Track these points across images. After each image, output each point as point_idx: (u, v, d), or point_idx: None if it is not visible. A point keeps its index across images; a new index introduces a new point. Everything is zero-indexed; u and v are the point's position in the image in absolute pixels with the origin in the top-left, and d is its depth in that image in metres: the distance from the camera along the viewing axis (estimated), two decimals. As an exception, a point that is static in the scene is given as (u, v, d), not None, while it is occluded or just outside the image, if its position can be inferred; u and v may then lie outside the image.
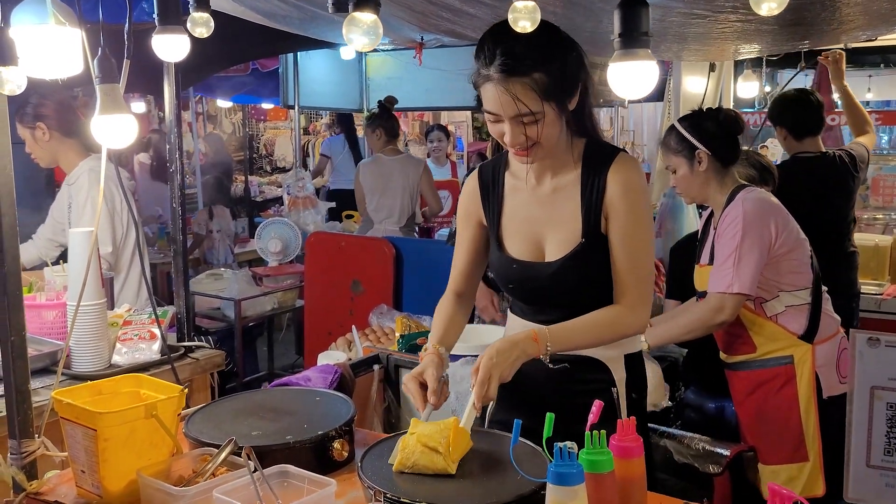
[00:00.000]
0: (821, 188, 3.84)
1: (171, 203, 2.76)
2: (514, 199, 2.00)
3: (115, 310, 2.82)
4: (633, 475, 1.59)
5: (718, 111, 2.84)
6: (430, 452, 1.65)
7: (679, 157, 2.77)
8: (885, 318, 4.16)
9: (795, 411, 2.68)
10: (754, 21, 2.66)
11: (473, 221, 2.08)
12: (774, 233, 2.64)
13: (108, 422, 1.68)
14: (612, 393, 1.95)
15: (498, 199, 2.02)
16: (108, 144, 1.78)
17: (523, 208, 1.98)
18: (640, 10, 1.31)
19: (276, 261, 5.20)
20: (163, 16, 1.77)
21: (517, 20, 1.40)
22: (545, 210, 1.95)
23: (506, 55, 1.72)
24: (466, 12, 2.69)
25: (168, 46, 1.83)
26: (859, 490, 0.95)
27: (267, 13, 2.80)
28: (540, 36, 1.71)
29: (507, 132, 1.80)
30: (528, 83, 1.73)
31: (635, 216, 1.87)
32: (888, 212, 5.55)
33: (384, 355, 2.79)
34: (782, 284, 2.67)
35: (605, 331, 1.90)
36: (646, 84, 1.32)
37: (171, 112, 2.68)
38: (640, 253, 1.89)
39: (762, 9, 1.23)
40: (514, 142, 1.81)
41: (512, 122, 1.78)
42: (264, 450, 1.72)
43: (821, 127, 3.99)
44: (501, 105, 1.76)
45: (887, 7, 2.31)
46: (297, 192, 6.06)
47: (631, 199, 1.87)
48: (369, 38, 1.26)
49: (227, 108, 11.26)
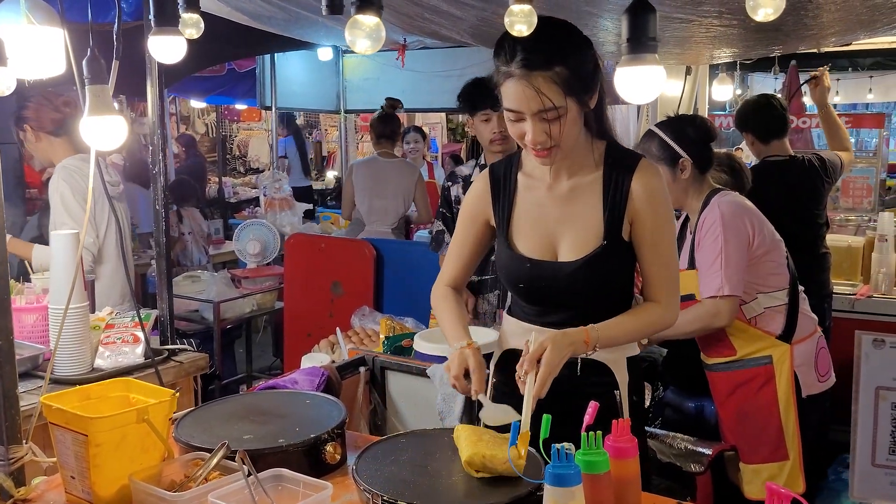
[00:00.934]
0: (791, 191, 3.90)
1: (155, 204, 2.74)
2: (528, 198, 2.00)
3: (97, 313, 2.79)
4: (628, 475, 1.60)
5: (695, 118, 2.84)
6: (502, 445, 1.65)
7: (661, 164, 2.73)
8: (858, 318, 4.23)
9: (775, 411, 2.71)
10: (737, 26, 2.69)
11: (480, 220, 2.08)
12: (751, 234, 2.68)
13: (99, 427, 1.66)
14: (616, 396, 1.96)
15: (510, 197, 2.02)
16: (97, 146, 1.75)
17: (537, 207, 1.98)
18: (647, 16, 1.32)
19: (254, 262, 5.16)
20: (159, 17, 1.75)
21: (513, 24, 1.41)
22: (562, 209, 1.95)
23: (527, 50, 1.73)
24: (452, 14, 2.70)
25: (164, 48, 1.81)
26: (864, 489, 0.97)
27: (252, 14, 2.79)
28: (558, 31, 1.75)
29: (529, 130, 1.79)
30: (551, 76, 1.73)
31: (663, 221, 1.93)
32: (859, 213, 5.65)
33: (370, 357, 2.79)
34: (760, 286, 2.71)
35: (647, 330, 1.99)
36: (653, 89, 1.34)
37: (153, 113, 2.66)
38: (669, 255, 1.96)
39: (759, 14, 1.25)
40: (536, 140, 1.80)
41: (534, 119, 1.78)
42: (256, 453, 1.71)
43: (785, 129, 4.06)
44: (525, 100, 1.76)
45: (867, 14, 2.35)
46: (274, 193, 6.02)
47: (658, 204, 1.91)
48: (372, 40, 1.26)
49: (201, 108, 11.17)
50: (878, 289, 4.41)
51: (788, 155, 4.01)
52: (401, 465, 1.74)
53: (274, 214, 5.99)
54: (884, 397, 0.97)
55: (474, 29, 2.94)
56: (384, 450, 1.81)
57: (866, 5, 2.22)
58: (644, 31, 1.31)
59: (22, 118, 3.26)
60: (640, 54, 1.30)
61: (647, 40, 1.30)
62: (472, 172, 3.44)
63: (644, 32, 1.31)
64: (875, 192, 5.92)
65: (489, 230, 2.08)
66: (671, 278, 1.98)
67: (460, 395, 2.55)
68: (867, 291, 4.43)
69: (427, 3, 2.62)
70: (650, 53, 1.29)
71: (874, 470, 0.98)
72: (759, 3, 1.26)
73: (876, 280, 4.42)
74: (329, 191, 10.32)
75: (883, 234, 4.41)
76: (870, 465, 0.96)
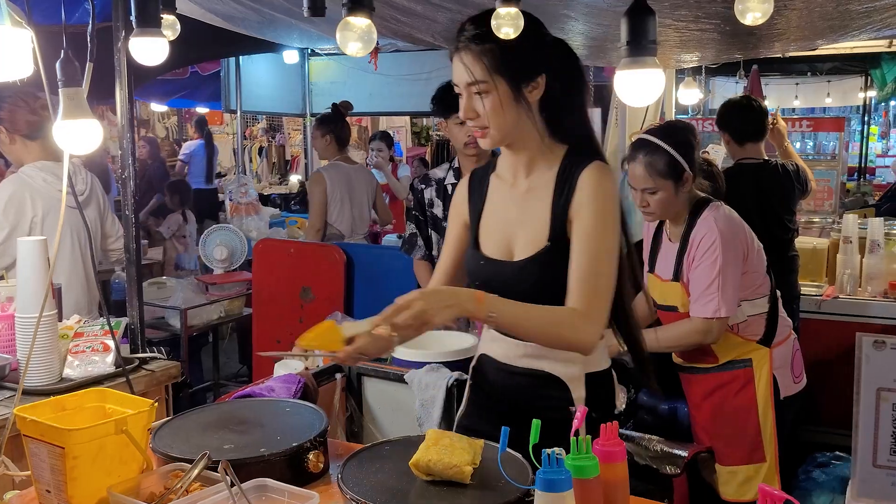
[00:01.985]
0: (763, 194, 3.94)
1: (124, 210, 2.68)
2: (495, 199, 2.01)
3: (65, 321, 2.72)
4: (616, 479, 1.60)
5: (686, 128, 2.78)
6: (455, 451, 1.64)
7: (667, 179, 2.66)
8: (824, 319, 4.30)
9: (753, 413, 2.73)
10: (712, 30, 2.72)
11: (459, 222, 2.09)
12: (745, 249, 2.67)
13: (76, 439, 1.61)
14: (571, 413, 1.94)
15: (481, 198, 2.03)
16: (71, 150, 1.71)
17: (501, 208, 1.99)
18: (647, 18, 1.32)
19: (221, 268, 5.08)
20: (141, 18, 1.71)
21: (500, 27, 1.40)
22: (518, 210, 1.95)
23: (467, 29, 1.82)
24: (426, 16, 2.69)
25: (146, 49, 1.76)
26: (866, 490, 0.97)
27: (225, 15, 2.74)
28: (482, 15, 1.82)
29: (461, 105, 1.85)
30: (478, 52, 1.79)
31: (600, 221, 1.82)
32: (819, 215, 5.75)
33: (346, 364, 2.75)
34: (746, 295, 2.71)
35: (553, 327, 1.80)
36: (653, 91, 1.34)
37: (123, 117, 2.60)
38: (601, 261, 1.82)
39: (747, 18, 1.25)
40: (467, 114, 1.84)
41: (465, 93, 1.83)
42: (238, 463, 1.67)
43: (762, 133, 4.09)
44: (457, 73, 1.83)
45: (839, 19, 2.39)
46: (240, 198, 5.94)
47: (598, 203, 1.82)
48: (364, 42, 1.24)
49: (161, 112, 11.01)
50: (843, 290, 4.48)
51: (763, 159, 4.04)
52: (387, 472, 1.71)
53: (240, 219, 5.92)
54: (885, 398, 0.97)
55: (448, 32, 2.93)
56: (368, 457, 1.78)
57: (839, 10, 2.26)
58: (644, 34, 1.31)
59: None
60: (641, 57, 1.30)
61: (647, 43, 1.30)
62: (445, 175, 3.43)
63: (644, 35, 1.31)
64: (836, 195, 6.04)
65: (467, 231, 2.08)
66: (598, 290, 1.81)
67: (438, 401, 2.54)
68: (833, 292, 4.50)
69: (401, 4, 2.60)
70: (650, 56, 1.29)
71: (875, 471, 0.98)
72: (748, 7, 1.26)
73: (841, 281, 4.49)
74: (293, 195, 10.23)
75: (847, 236, 4.48)
76: (871, 466, 0.97)
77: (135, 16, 1.71)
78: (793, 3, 2.23)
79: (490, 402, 2.03)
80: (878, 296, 4.40)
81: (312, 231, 5.00)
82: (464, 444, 1.70)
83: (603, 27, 3.03)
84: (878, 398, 0.98)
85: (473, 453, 1.69)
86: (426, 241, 3.49)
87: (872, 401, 0.97)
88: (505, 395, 1.99)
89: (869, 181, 10.69)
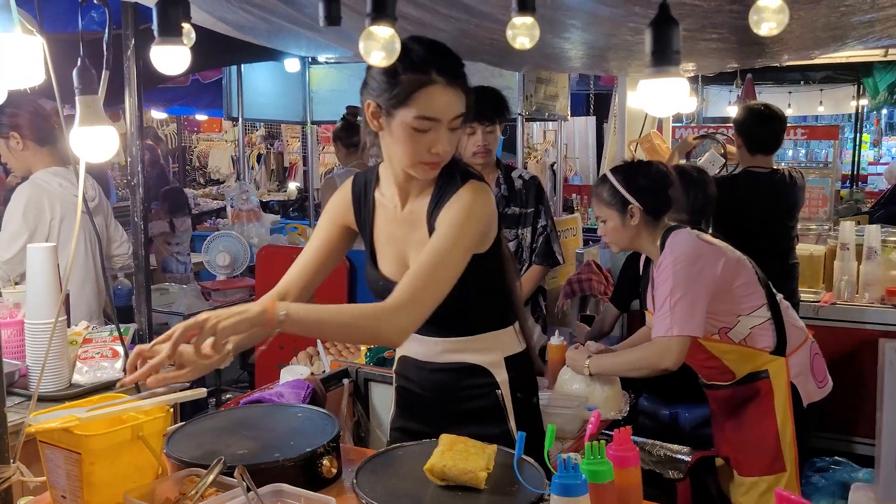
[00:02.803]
0: (768, 204, 3.92)
1: (133, 217, 2.69)
2: (382, 218, 2.02)
3: (73, 327, 2.73)
4: (630, 484, 1.62)
5: (650, 165, 2.81)
6: (469, 457, 1.67)
7: (611, 209, 2.74)
8: (823, 325, 4.33)
9: (773, 424, 2.73)
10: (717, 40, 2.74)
11: (339, 223, 2.07)
12: (715, 269, 2.63)
13: (93, 445, 1.62)
14: (498, 395, 2.00)
15: (369, 214, 2.03)
16: (87, 157, 1.72)
17: (390, 227, 2.00)
18: (672, 29, 1.34)
19: (223, 274, 5.09)
20: (163, 27, 1.72)
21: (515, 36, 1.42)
22: (407, 232, 1.97)
23: (449, 58, 1.81)
24: (434, 26, 2.71)
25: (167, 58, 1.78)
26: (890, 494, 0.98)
27: (235, 25, 2.77)
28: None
29: (440, 140, 1.80)
30: (462, 87, 1.82)
31: (449, 228, 1.83)
32: (814, 222, 5.79)
33: (353, 369, 2.77)
34: (739, 309, 2.69)
35: (351, 319, 1.76)
36: (676, 101, 1.36)
37: (133, 125, 2.62)
38: (436, 264, 1.79)
39: (762, 29, 1.28)
40: (445, 150, 1.82)
41: (447, 127, 1.81)
42: (253, 468, 1.68)
43: (774, 146, 4.03)
44: (447, 106, 1.79)
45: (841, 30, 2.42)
46: (241, 204, 5.96)
47: (453, 212, 1.85)
48: (387, 52, 1.26)
49: (161, 119, 11.02)
50: (840, 296, 4.52)
51: (770, 168, 4.01)
52: (401, 477, 1.73)
53: (241, 226, 5.92)
54: (907, 404, 0.99)
55: (454, 40, 2.95)
56: (383, 462, 1.80)
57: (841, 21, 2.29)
58: (669, 45, 1.33)
59: (10, 125, 3.19)
60: (665, 67, 1.32)
61: (671, 53, 1.32)
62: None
63: (669, 45, 1.33)
64: (830, 202, 6.09)
65: (346, 236, 2.08)
66: (420, 289, 1.76)
67: None
68: (830, 299, 4.53)
69: (409, 14, 2.62)
70: (674, 66, 1.31)
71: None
72: (763, 17, 1.28)
73: (839, 287, 4.53)
74: (291, 202, 10.24)
75: (844, 243, 4.52)
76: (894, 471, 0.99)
77: (156, 25, 1.72)
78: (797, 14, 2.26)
79: (418, 401, 2.09)
80: (876, 302, 4.44)
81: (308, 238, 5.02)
82: (477, 449, 1.72)
83: (605, 36, 3.06)
84: (900, 404, 1.00)
85: (487, 458, 1.70)
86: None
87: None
88: (432, 392, 2.05)
89: (861, 188, 10.77)
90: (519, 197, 3.36)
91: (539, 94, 5.22)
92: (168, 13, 1.70)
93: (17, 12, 1.76)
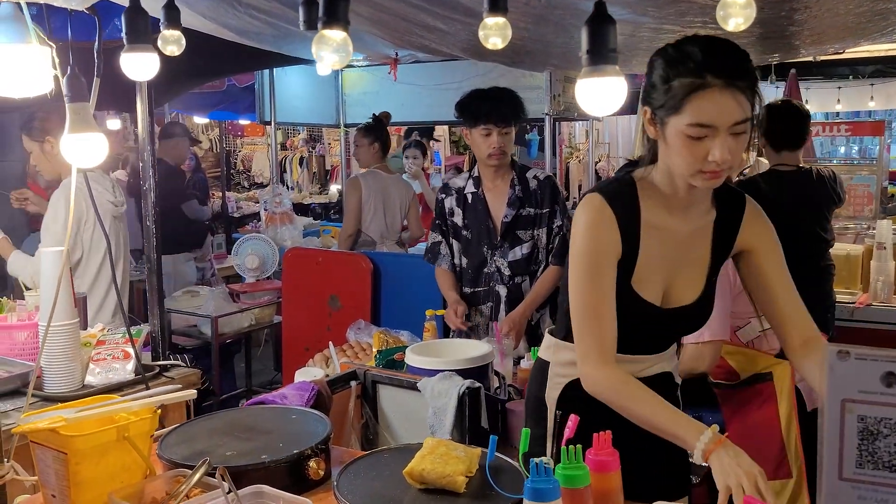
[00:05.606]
0: (795, 203, 3.82)
1: (145, 220, 2.74)
2: (655, 238, 1.86)
3: (89, 329, 2.79)
4: (609, 489, 1.59)
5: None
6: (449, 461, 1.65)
7: None
8: (858, 327, 4.20)
9: (777, 428, 2.67)
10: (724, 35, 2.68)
11: (615, 260, 1.85)
12: (732, 272, 2.62)
13: (78, 444, 1.65)
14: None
15: (636, 235, 1.84)
16: (77, 163, 1.76)
17: (663, 249, 1.87)
18: (607, 27, 1.31)
19: (253, 277, 5.16)
20: (131, 34, 1.75)
21: (487, 37, 1.41)
22: (684, 251, 1.89)
23: (727, 58, 1.63)
24: (439, 29, 2.70)
25: (137, 65, 1.81)
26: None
27: (239, 30, 2.79)
28: (736, 44, 1.68)
29: (718, 146, 1.64)
30: (745, 89, 1.64)
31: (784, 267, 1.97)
32: (859, 221, 5.62)
33: (361, 371, 2.77)
34: (752, 311, 2.66)
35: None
36: (614, 100, 1.32)
37: (144, 129, 2.67)
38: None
39: (729, 24, 1.24)
40: (725, 157, 1.65)
41: (725, 134, 1.65)
42: (239, 470, 1.70)
43: (800, 142, 3.92)
44: (723, 111, 1.62)
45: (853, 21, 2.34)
46: (275, 207, 6.03)
47: (779, 251, 1.99)
48: (339, 55, 1.25)
49: (204, 124, 11.22)
50: (877, 297, 4.38)
51: (797, 166, 3.91)
52: (384, 479, 1.73)
53: (275, 229, 6.00)
54: (850, 410, 0.95)
55: (464, 43, 2.95)
56: (367, 465, 1.80)
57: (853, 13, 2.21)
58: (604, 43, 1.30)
59: (43, 129, 3.29)
60: (600, 66, 1.29)
61: (607, 52, 1.29)
62: (465, 185, 3.44)
63: (604, 44, 1.30)
64: (876, 200, 5.91)
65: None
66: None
67: (450, 409, 2.53)
68: (866, 300, 4.40)
69: (416, 19, 2.63)
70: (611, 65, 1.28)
71: (842, 484, 0.96)
72: (730, 13, 1.25)
73: (875, 288, 4.39)
74: (332, 204, 10.34)
75: (881, 242, 4.38)
76: (837, 479, 0.95)
77: (125, 32, 1.75)
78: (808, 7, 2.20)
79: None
80: (912, 303, 4.30)
81: (345, 235, 5.08)
82: (460, 452, 1.71)
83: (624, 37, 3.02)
84: (843, 410, 0.96)
85: (469, 462, 1.69)
86: (449, 249, 3.50)
87: (837, 413, 0.95)
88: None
89: (913, 185, 10.41)
90: (534, 197, 3.33)
91: (567, 93, 5.18)
92: (136, 21, 1.73)
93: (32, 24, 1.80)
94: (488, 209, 3.37)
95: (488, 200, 3.37)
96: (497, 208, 3.35)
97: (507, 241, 3.34)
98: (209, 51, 3.91)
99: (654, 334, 1.94)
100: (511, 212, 3.32)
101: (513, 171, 3.37)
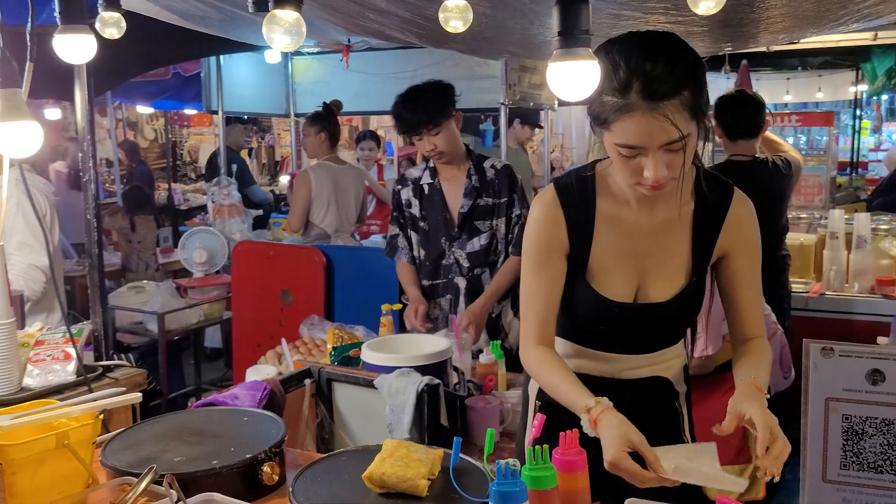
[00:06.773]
0: (751, 194, 3.81)
1: (86, 214, 2.61)
2: (614, 231, 1.80)
3: (26, 329, 2.66)
4: (576, 489, 1.54)
5: None
6: (410, 463, 1.59)
7: None
8: (812, 316, 4.24)
9: None
10: (683, 23, 2.65)
11: (562, 254, 1.82)
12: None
13: (13, 454, 1.55)
14: (676, 406, 1.97)
15: (590, 228, 1.80)
16: (11, 153, 1.64)
17: (626, 241, 1.81)
18: (579, 7, 1.24)
19: (201, 271, 5.01)
20: (65, 14, 1.63)
21: (448, 20, 1.34)
22: (651, 241, 1.80)
23: (655, 75, 1.50)
24: (392, 13, 2.62)
25: (72, 47, 1.69)
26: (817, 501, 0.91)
27: (184, 14, 2.67)
28: (674, 49, 1.56)
29: (650, 165, 1.56)
30: (678, 102, 1.52)
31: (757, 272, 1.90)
32: (811, 211, 5.69)
33: (316, 369, 2.68)
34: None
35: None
36: (587, 84, 1.26)
37: (83, 118, 2.53)
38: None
39: (700, 8, 1.19)
40: (661, 174, 1.57)
41: (658, 153, 1.56)
42: (188, 477, 1.62)
43: (755, 131, 3.91)
44: (649, 135, 1.53)
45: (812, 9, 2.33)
46: (222, 199, 5.87)
47: (755, 253, 1.92)
48: (292, 37, 1.17)
49: (149, 113, 10.94)
50: (830, 286, 4.42)
51: (752, 156, 3.90)
52: (342, 483, 1.66)
53: (223, 221, 5.84)
54: (834, 409, 0.91)
55: (420, 28, 2.87)
56: (324, 468, 1.73)
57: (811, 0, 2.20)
58: (576, 24, 1.23)
59: None
60: (573, 48, 1.23)
61: (579, 33, 1.22)
62: (421, 175, 3.37)
63: (576, 25, 1.23)
64: (826, 190, 6.00)
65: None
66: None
67: (409, 407, 2.47)
68: (819, 289, 4.44)
69: (369, 2, 2.54)
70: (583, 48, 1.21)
71: (825, 486, 0.92)
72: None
73: (828, 278, 4.43)
74: (283, 196, 10.17)
75: (834, 232, 4.42)
76: (821, 482, 0.91)
77: (58, 12, 1.63)
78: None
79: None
80: (865, 292, 4.35)
81: (289, 232, 4.96)
82: (421, 454, 1.64)
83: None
84: (827, 409, 0.92)
85: (431, 464, 1.63)
86: (408, 241, 3.43)
87: (821, 412, 0.91)
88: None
89: (861, 175, 10.64)
90: (491, 187, 3.28)
91: (523, 82, 5.13)
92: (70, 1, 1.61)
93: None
94: (445, 200, 3.30)
95: (445, 191, 3.31)
96: (454, 199, 3.29)
97: (464, 231, 3.28)
98: (152, 36, 3.76)
99: (623, 330, 1.84)
100: (468, 202, 3.26)
101: (469, 160, 3.31)
